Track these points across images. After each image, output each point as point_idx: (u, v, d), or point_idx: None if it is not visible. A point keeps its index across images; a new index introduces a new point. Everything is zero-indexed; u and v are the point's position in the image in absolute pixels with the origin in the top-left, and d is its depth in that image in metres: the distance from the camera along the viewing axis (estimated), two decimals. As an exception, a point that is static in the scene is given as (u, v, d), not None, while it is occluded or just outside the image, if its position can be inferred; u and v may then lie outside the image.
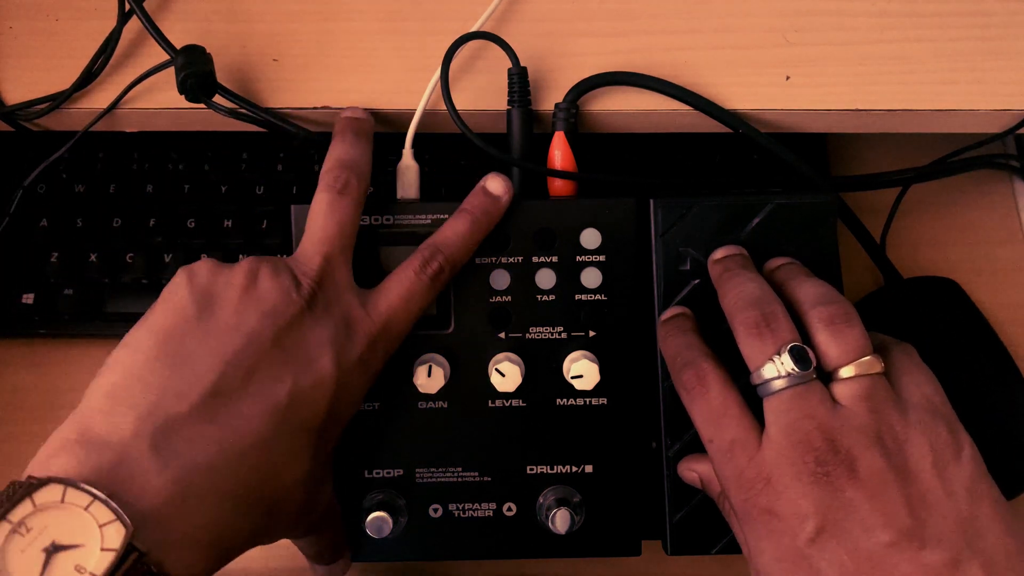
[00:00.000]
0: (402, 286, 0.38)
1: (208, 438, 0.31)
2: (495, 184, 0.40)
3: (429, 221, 0.41)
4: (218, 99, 0.42)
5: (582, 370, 0.40)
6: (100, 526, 0.28)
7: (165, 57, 0.41)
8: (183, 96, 0.41)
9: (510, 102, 0.42)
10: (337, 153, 0.39)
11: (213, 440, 0.31)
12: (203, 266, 0.36)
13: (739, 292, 0.36)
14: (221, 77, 0.43)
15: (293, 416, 0.34)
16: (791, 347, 0.34)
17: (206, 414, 0.31)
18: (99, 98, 0.44)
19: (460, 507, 0.41)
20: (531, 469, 0.41)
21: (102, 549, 0.27)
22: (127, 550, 0.27)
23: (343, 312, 0.36)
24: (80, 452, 0.29)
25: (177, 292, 0.35)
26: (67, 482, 0.28)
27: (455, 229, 0.39)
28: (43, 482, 0.28)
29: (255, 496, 0.33)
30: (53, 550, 0.27)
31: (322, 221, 0.37)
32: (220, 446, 0.31)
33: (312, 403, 0.34)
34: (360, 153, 0.40)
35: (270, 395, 0.33)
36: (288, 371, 0.34)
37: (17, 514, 0.28)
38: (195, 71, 0.40)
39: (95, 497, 0.28)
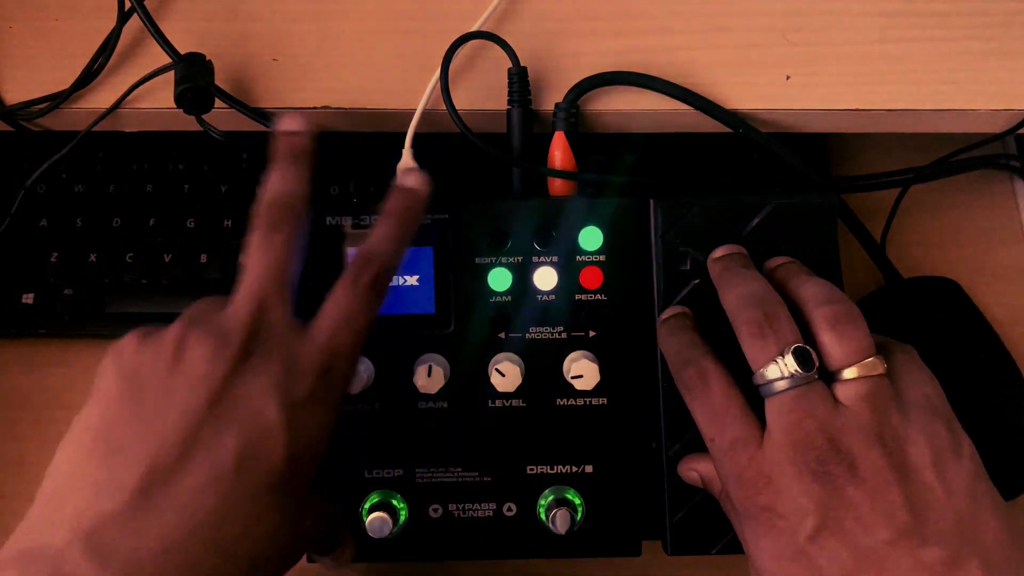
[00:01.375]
0: (340, 307, 0.36)
1: (150, 526, 0.30)
2: (408, 179, 0.39)
3: (429, 221, 0.41)
4: (216, 108, 0.42)
5: (582, 370, 0.40)
6: None
7: (165, 57, 0.41)
8: (180, 108, 0.41)
9: (510, 102, 0.42)
10: (269, 188, 0.38)
11: (155, 526, 0.31)
12: (128, 345, 0.34)
13: (740, 291, 0.36)
14: (221, 77, 0.43)
15: (246, 475, 0.32)
16: (795, 348, 0.34)
17: (144, 503, 0.31)
18: (99, 98, 0.44)
19: (460, 507, 0.41)
20: (531, 469, 0.41)
21: None
22: None
23: (284, 353, 0.35)
24: (21, 566, 0.30)
25: (105, 380, 0.34)
26: None
27: (381, 234, 0.38)
28: None
29: (228, 560, 0.32)
30: None
31: (254, 263, 0.36)
32: (162, 531, 0.31)
33: (265, 455, 0.33)
34: (294, 183, 0.38)
35: (215, 462, 0.32)
36: (231, 432, 0.32)
37: None
38: (193, 85, 0.40)
39: None
